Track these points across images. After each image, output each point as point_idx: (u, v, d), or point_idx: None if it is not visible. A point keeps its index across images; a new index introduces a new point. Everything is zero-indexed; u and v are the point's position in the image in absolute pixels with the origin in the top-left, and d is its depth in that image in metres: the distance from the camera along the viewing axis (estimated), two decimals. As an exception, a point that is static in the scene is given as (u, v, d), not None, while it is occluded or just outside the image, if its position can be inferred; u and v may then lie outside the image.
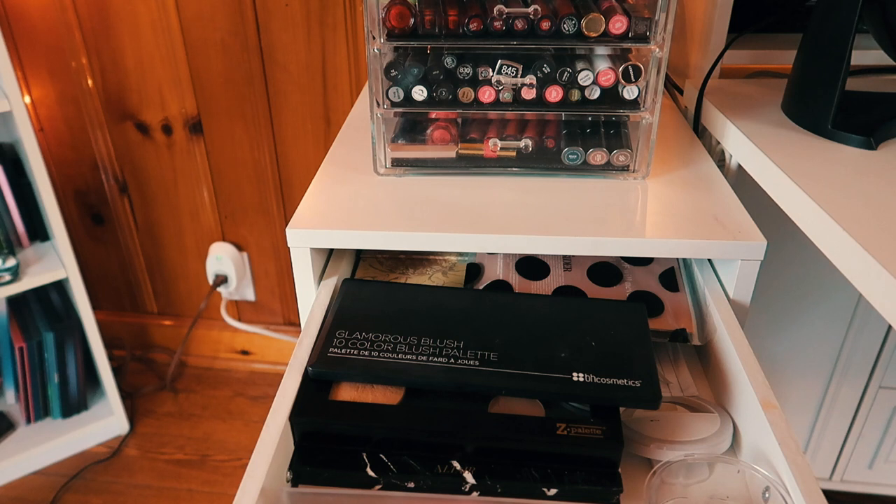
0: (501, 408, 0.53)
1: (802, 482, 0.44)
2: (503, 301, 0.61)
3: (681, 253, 0.59)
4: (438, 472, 0.49)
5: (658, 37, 0.61)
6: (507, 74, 0.64)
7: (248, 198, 1.52)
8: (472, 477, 0.49)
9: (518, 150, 0.69)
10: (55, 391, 1.48)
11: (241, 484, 0.45)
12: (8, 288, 1.29)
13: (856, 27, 0.62)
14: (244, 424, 1.59)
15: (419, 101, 0.65)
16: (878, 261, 0.45)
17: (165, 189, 1.54)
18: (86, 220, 1.62)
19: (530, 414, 0.52)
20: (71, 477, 1.45)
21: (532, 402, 0.54)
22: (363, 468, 0.49)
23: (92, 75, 1.41)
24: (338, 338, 0.56)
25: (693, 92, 0.81)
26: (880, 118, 0.66)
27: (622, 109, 0.65)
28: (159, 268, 1.67)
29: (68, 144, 1.51)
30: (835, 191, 0.55)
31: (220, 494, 1.40)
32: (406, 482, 0.49)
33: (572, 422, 0.50)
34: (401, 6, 0.61)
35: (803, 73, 0.70)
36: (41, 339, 1.41)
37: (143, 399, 1.66)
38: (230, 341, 1.74)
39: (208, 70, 1.37)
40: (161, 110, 1.43)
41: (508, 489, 0.48)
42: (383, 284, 0.66)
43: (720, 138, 0.74)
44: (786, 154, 0.63)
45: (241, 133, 1.43)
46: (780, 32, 0.85)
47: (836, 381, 1.15)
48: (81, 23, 1.35)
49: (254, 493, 0.44)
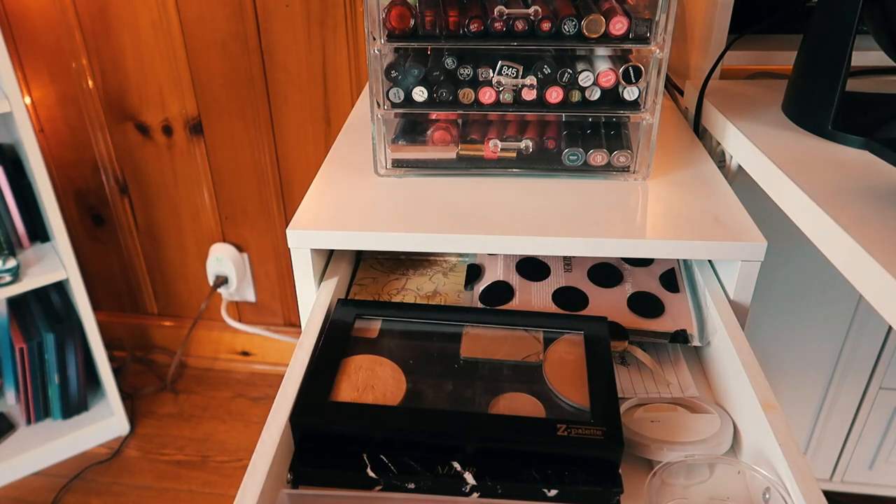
0: (502, 408, 0.53)
1: (803, 483, 0.44)
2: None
3: (681, 254, 0.59)
4: (439, 472, 0.49)
5: (658, 38, 0.61)
6: (508, 75, 0.64)
7: (249, 199, 1.52)
8: (473, 478, 0.49)
9: (518, 151, 0.69)
10: (55, 392, 1.48)
11: (242, 485, 0.45)
12: (8, 289, 1.29)
13: (856, 28, 0.62)
14: (244, 425, 1.58)
15: (420, 101, 0.65)
16: (878, 261, 0.45)
17: (166, 190, 1.54)
18: (86, 220, 1.62)
19: (531, 415, 0.52)
20: (71, 478, 1.45)
21: (532, 402, 0.53)
22: (363, 469, 0.49)
23: (92, 76, 1.41)
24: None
25: (693, 93, 0.81)
26: (880, 119, 0.66)
27: (623, 110, 0.65)
28: (160, 269, 1.67)
29: (69, 145, 1.51)
30: (835, 191, 0.55)
31: (220, 495, 1.40)
32: (406, 483, 0.49)
33: (573, 423, 0.50)
34: (401, 7, 0.61)
35: (804, 74, 0.70)
36: (41, 339, 1.41)
37: (144, 400, 1.65)
38: (230, 342, 1.74)
39: (209, 71, 1.37)
40: (161, 111, 1.43)
41: (509, 490, 0.48)
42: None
43: (720, 139, 0.74)
44: (786, 155, 0.63)
45: (241, 134, 1.43)
46: (781, 33, 0.85)
47: (836, 382, 1.15)
48: (82, 24, 1.35)
49: (254, 494, 0.44)
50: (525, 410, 0.53)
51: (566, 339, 0.60)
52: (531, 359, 0.58)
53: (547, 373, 0.56)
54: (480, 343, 0.60)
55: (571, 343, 0.59)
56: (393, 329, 0.61)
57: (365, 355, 0.57)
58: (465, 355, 0.58)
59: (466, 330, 0.61)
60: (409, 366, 0.57)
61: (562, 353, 0.58)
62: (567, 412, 0.53)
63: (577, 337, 0.60)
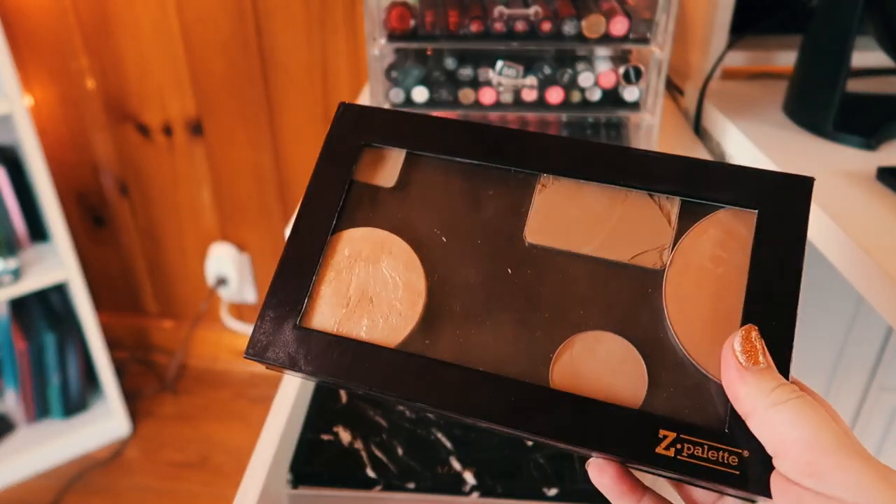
0: (570, 369, 0.31)
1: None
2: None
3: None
4: (439, 472, 0.49)
5: (659, 38, 0.61)
6: (508, 76, 0.64)
7: (249, 199, 1.52)
8: (473, 477, 0.49)
9: (519, 152, 0.69)
10: (56, 393, 1.48)
11: (242, 485, 0.45)
12: (9, 289, 1.29)
13: (857, 28, 0.62)
14: (245, 426, 1.58)
15: (420, 102, 0.66)
16: (878, 262, 0.45)
17: (166, 190, 1.54)
18: (86, 221, 1.62)
19: (619, 392, 0.30)
20: (71, 479, 1.45)
21: (629, 360, 0.31)
22: (363, 469, 0.49)
23: (93, 77, 1.41)
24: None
25: (694, 93, 0.81)
26: (881, 119, 0.66)
27: (623, 111, 0.65)
28: (160, 269, 1.67)
29: (69, 146, 1.51)
30: (835, 192, 0.55)
31: (220, 496, 1.40)
32: (406, 482, 0.49)
33: (691, 429, 0.28)
34: (401, 7, 0.61)
35: (804, 75, 0.70)
36: (42, 340, 1.41)
37: (144, 400, 1.65)
38: (231, 343, 1.74)
39: (209, 71, 1.37)
40: (161, 112, 1.43)
41: (508, 489, 0.48)
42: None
43: (721, 140, 0.74)
44: (787, 155, 0.63)
45: (241, 134, 1.43)
46: (782, 34, 0.85)
47: (836, 383, 1.15)
48: (82, 24, 1.35)
49: (254, 495, 0.44)
50: (610, 378, 0.31)
51: (719, 221, 0.33)
52: (647, 258, 0.33)
53: (669, 296, 0.32)
54: (563, 214, 0.35)
55: (728, 230, 0.32)
56: (421, 174, 0.37)
57: (369, 229, 0.36)
58: (533, 240, 0.35)
59: (542, 183, 0.35)
60: (434, 254, 0.35)
61: (707, 250, 0.32)
62: (687, 393, 0.30)
63: (741, 217, 0.32)
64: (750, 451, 0.27)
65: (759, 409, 0.26)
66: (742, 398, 0.27)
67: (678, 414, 0.29)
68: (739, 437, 0.28)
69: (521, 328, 0.32)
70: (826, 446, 0.25)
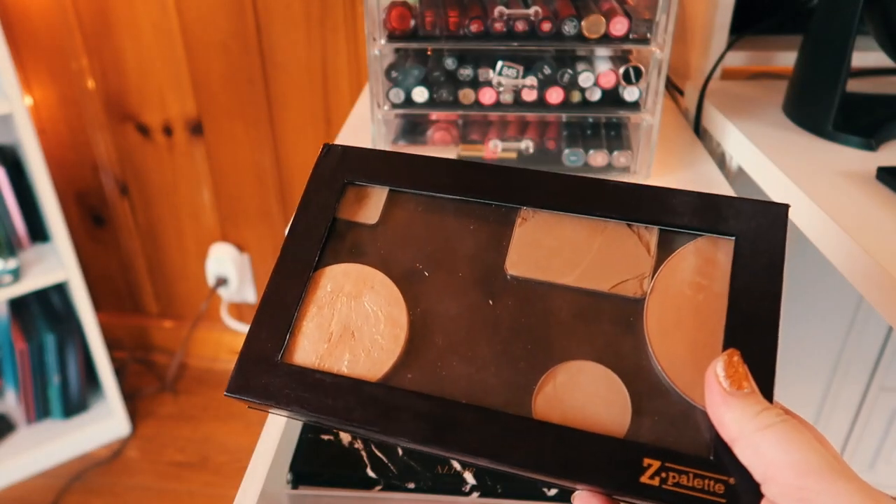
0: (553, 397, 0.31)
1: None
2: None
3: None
4: (439, 472, 0.49)
5: (659, 38, 0.61)
6: (508, 76, 0.64)
7: (249, 199, 1.52)
8: (473, 477, 0.49)
9: (519, 152, 0.69)
10: (56, 393, 1.48)
11: (242, 485, 0.45)
12: (9, 289, 1.29)
13: (856, 28, 0.62)
14: (245, 426, 1.58)
15: (420, 102, 0.66)
16: (878, 262, 0.45)
17: (166, 190, 1.54)
18: (86, 221, 1.62)
19: (601, 419, 0.30)
20: (71, 479, 1.45)
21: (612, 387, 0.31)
22: (363, 469, 0.49)
23: (93, 77, 1.41)
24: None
25: (694, 93, 0.81)
26: (881, 119, 0.66)
27: (623, 111, 0.65)
28: (160, 269, 1.67)
29: (69, 146, 1.51)
30: (835, 192, 0.55)
31: (220, 496, 1.40)
32: (406, 482, 0.49)
33: (674, 457, 0.28)
34: (401, 7, 0.61)
35: (804, 75, 0.70)
36: (42, 340, 1.41)
37: (144, 400, 1.65)
38: (231, 343, 1.74)
39: (209, 71, 1.37)
40: (162, 112, 1.43)
41: (508, 489, 0.48)
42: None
43: (721, 140, 0.74)
44: (787, 156, 0.63)
45: (241, 134, 1.43)
46: (781, 34, 0.85)
47: (836, 383, 1.15)
48: (82, 24, 1.35)
49: (254, 495, 0.44)
50: (594, 408, 0.31)
51: (697, 249, 0.33)
52: (628, 287, 0.33)
53: (651, 324, 0.32)
54: (543, 246, 0.35)
55: (706, 258, 0.33)
56: (402, 211, 0.38)
57: (351, 265, 0.36)
58: (514, 272, 0.35)
59: (523, 217, 0.36)
60: (416, 288, 0.35)
61: (687, 278, 0.33)
62: (671, 421, 0.30)
63: (718, 245, 0.33)
64: (736, 478, 0.27)
65: (744, 433, 0.26)
66: (727, 423, 0.27)
67: (662, 442, 0.29)
68: (725, 464, 0.27)
69: (504, 359, 0.32)
70: (814, 469, 0.25)
